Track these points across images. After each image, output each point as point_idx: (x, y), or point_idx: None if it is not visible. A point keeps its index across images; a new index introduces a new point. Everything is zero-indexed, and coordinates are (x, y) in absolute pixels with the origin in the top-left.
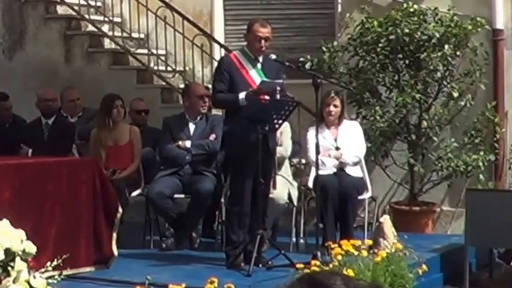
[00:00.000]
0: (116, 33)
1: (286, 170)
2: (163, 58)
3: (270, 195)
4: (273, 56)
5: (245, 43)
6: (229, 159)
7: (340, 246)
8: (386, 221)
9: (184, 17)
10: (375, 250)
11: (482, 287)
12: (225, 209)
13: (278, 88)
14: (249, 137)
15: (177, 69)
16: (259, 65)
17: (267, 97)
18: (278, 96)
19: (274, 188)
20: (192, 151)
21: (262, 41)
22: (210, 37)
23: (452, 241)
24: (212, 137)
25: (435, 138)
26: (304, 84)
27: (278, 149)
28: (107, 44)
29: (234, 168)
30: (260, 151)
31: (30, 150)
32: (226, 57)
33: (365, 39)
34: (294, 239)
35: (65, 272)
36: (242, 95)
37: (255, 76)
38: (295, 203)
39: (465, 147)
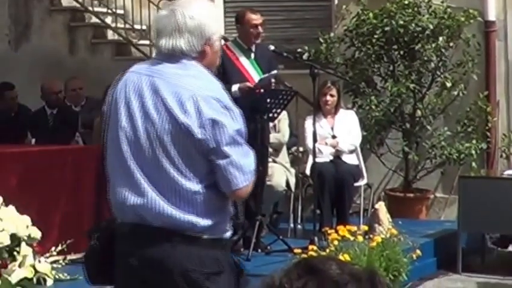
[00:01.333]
0: (119, 25)
1: (284, 157)
2: None
3: (269, 183)
4: (272, 47)
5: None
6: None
7: (336, 231)
8: (381, 207)
9: None
10: (371, 235)
11: (474, 271)
12: None
13: (273, 80)
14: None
15: None
16: (252, 55)
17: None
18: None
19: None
20: None
21: (259, 27)
22: None
23: (445, 227)
24: None
25: (429, 127)
26: (301, 74)
27: (276, 135)
28: (110, 35)
29: None
30: (258, 140)
31: (33, 140)
32: None
33: (360, 30)
34: (292, 225)
35: (69, 257)
36: (235, 88)
37: (249, 67)
38: (293, 189)
39: (458, 136)
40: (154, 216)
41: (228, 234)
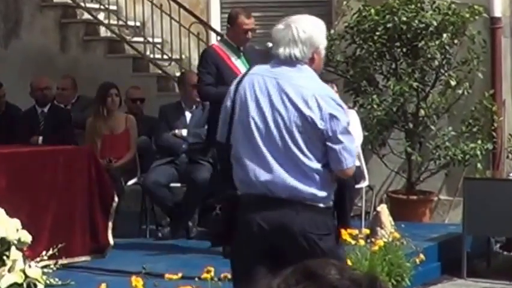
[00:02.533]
0: (112, 21)
1: None
2: (159, 46)
3: None
4: (270, 44)
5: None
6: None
7: None
8: (383, 210)
9: (180, 5)
10: (373, 239)
11: (479, 276)
12: None
13: None
14: None
15: (173, 57)
16: (242, 54)
17: None
18: None
19: None
20: (188, 140)
21: (249, 33)
22: (207, 25)
23: (449, 230)
24: None
25: (432, 127)
26: None
27: None
28: (103, 32)
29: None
30: None
31: (40, 138)
32: (210, 49)
33: (362, 27)
34: None
35: (60, 261)
36: None
37: (241, 66)
38: None
39: (463, 136)
40: (282, 189)
41: (331, 203)
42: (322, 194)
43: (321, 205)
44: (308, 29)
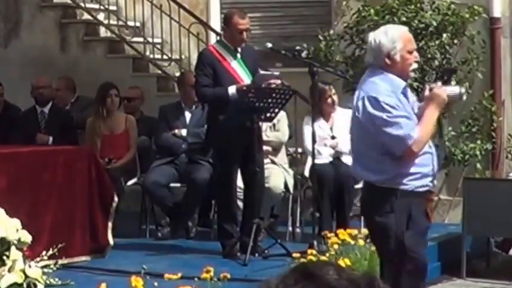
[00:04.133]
0: (111, 22)
1: (282, 158)
2: (158, 46)
3: (267, 185)
4: (269, 45)
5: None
6: (216, 150)
7: (336, 235)
8: None
9: (180, 5)
10: None
11: (479, 276)
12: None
13: (272, 80)
14: (237, 127)
15: (173, 57)
16: (238, 55)
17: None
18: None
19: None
20: (188, 140)
21: (244, 33)
22: (206, 25)
23: (449, 230)
24: None
25: None
26: (300, 72)
27: (275, 134)
28: (103, 32)
29: (219, 159)
30: (256, 141)
31: (51, 138)
32: (206, 51)
33: (361, 27)
34: (290, 228)
35: (60, 261)
36: (233, 90)
37: (237, 67)
38: (291, 191)
39: (462, 136)
40: (355, 174)
41: (405, 187)
42: (378, 177)
43: (384, 186)
44: (378, 37)
